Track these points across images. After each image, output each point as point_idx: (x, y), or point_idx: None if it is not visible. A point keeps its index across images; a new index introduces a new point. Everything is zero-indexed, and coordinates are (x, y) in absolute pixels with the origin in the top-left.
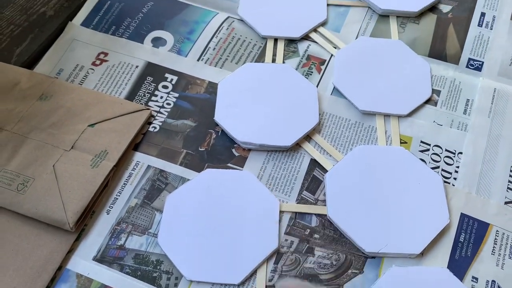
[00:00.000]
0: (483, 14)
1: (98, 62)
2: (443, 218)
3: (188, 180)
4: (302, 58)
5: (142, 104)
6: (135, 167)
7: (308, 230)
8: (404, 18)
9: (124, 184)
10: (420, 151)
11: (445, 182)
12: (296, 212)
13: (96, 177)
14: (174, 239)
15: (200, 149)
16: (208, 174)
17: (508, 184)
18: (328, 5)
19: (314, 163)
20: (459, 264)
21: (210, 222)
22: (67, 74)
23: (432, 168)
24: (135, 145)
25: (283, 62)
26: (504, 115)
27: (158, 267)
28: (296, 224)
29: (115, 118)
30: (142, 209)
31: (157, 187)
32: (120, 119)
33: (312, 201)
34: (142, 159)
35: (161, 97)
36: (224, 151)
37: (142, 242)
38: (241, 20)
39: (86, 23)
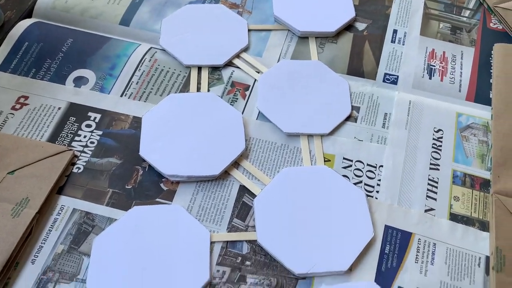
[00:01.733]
0: (395, 31)
1: (18, 106)
2: (367, 232)
3: (116, 220)
4: (227, 85)
5: (64, 145)
6: (59, 211)
7: (240, 258)
8: (323, 38)
9: (49, 230)
10: (343, 167)
11: (368, 196)
12: (227, 241)
13: (17, 227)
14: (104, 283)
15: (127, 187)
16: (135, 212)
17: (427, 193)
18: (249, 30)
19: (243, 190)
20: (385, 276)
21: (140, 261)
22: None
23: (355, 183)
24: (59, 189)
25: (208, 90)
26: (420, 126)
27: None
28: (227, 253)
29: (36, 162)
30: (69, 255)
31: (84, 230)
32: (42, 163)
33: (243, 228)
34: (67, 203)
35: (85, 136)
36: (152, 187)
37: None
38: (164, 50)
39: (3, 67)
